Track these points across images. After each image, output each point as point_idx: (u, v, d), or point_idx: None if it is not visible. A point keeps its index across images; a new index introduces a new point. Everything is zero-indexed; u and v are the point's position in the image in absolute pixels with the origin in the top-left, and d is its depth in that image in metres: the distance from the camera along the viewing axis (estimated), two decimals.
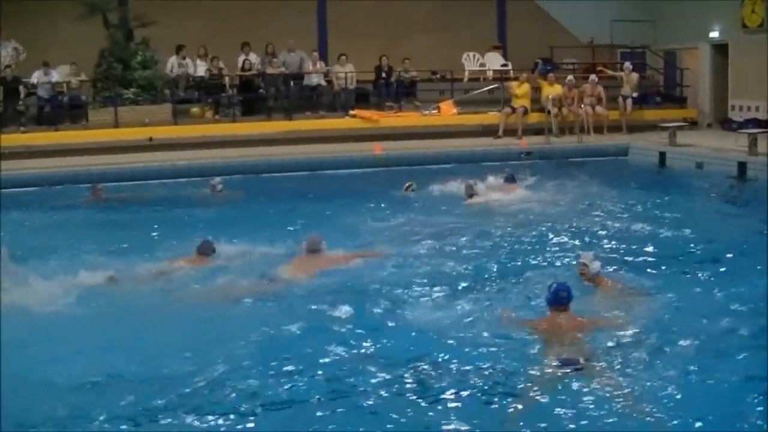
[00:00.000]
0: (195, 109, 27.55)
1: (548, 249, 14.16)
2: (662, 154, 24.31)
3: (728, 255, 13.45)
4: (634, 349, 9.29)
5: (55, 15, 27.72)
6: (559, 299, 9.68)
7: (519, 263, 13.38)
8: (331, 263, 12.86)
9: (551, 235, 15.20)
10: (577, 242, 14.59)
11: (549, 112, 27.34)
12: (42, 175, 22.38)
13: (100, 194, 19.85)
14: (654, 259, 13.04)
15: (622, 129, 27.97)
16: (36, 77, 26.37)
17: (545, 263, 13.23)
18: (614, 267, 12.35)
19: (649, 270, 12.41)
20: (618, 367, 8.86)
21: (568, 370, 8.67)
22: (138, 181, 22.46)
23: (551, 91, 27.78)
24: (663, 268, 12.59)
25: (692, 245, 14.29)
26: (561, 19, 33.37)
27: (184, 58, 27.81)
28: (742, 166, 21.48)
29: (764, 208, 17.09)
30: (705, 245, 14.30)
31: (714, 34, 30.39)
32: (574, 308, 9.81)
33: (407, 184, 19.77)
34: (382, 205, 18.42)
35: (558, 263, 13.12)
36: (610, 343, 9.40)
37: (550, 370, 8.79)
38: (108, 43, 27.10)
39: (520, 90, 27.77)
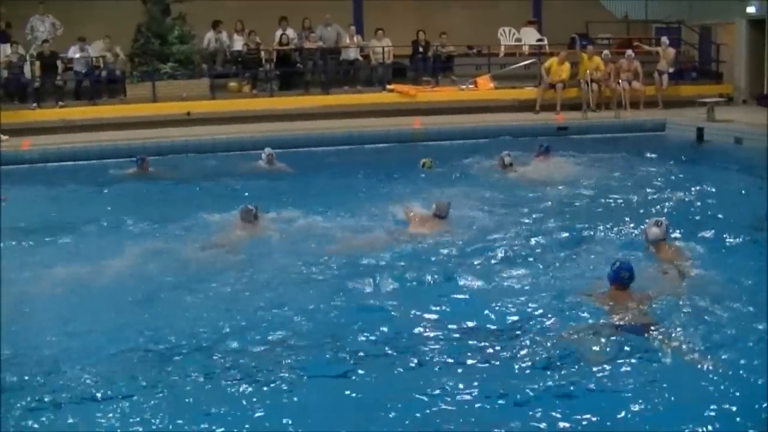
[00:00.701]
0: (232, 84, 27.65)
1: (588, 222, 14.18)
2: (700, 130, 24.21)
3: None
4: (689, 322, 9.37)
5: None
6: (621, 278, 9.73)
7: (562, 235, 13.52)
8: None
9: (591, 208, 15.32)
10: (617, 215, 14.62)
11: (587, 85, 27.26)
12: (81, 149, 22.51)
13: (147, 168, 19.93)
14: (701, 234, 13.03)
15: (659, 104, 27.90)
16: (72, 52, 26.46)
17: (587, 236, 13.33)
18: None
19: (694, 244, 12.42)
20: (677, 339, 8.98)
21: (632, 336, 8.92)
22: (177, 154, 22.53)
23: (590, 65, 27.71)
24: (707, 242, 12.58)
25: (734, 220, 14.28)
26: None
27: (220, 33, 27.86)
28: None
29: None
30: (749, 220, 14.30)
31: (751, 9, 30.24)
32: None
33: (424, 161, 19.83)
34: (423, 176, 18.65)
35: (602, 235, 13.23)
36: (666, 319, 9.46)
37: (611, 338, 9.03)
38: (145, 18, 27.16)
39: (561, 69, 27.67)
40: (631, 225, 13.66)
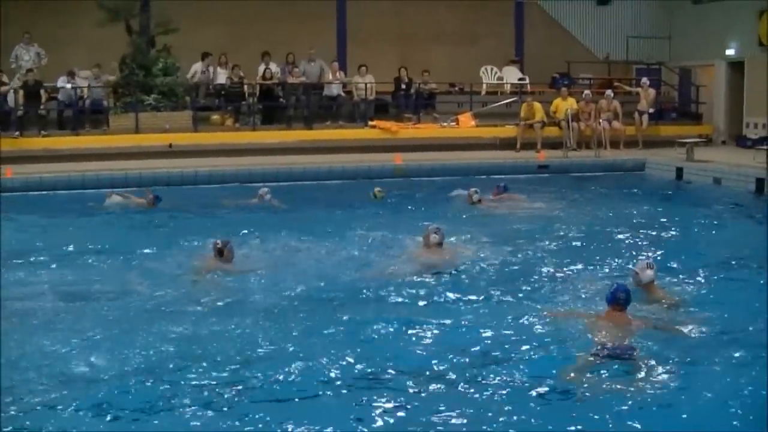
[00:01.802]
0: (215, 117, 27.78)
1: (568, 258, 14.33)
2: (679, 170, 24.44)
3: (751, 269, 13.70)
4: (680, 352, 9.63)
5: (77, 20, 27.96)
6: (617, 299, 10.11)
7: (543, 269, 13.65)
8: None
9: (570, 245, 15.42)
10: (596, 252, 14.75)
11: (565, 127, 27.47)
12: (64, 179, 22.51)
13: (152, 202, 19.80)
14: (682, 273, 13.15)
15: (638, 144, 28.15)
16: (61, 82, 26.49)
17: (570, 271, 13.45)
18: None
19: (672, 281, 12.58)
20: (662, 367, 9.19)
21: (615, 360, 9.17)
22: (159, 186, 22.49)
23: (566, 105, 27.93)
24: (689, 281, 12.70)
25: (715, 259, 14.42)
26: (578, 35, 33.62)
27: (208, 66, 27.97)
28: (760, 182, 21.68)
29: None
30: (728, 259, 14.47)
31: (730, 52, 30.58)
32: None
33: (375, 190, 20.29)
34: (404, 210, 18.95)
35: (583, 271, 13.37)
36: (657, 346, 9.69)
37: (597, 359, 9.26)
38: (130, 49, 27.18)
39: (530, 112, 27.94)
40: (612, 262, 13.84)
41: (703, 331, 10.35)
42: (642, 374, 9.02)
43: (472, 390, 8.74)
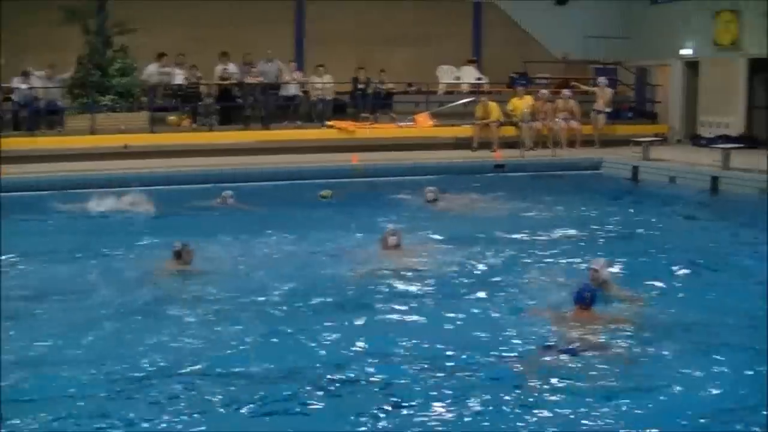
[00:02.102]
0: (172, 117, 27.59)
1: (525, 256, 14.53)
2: (635, 168, 24.61)
3: (706, 266, 13.88)
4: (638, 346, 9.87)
5: (33, 20, 27.68)
6: (583, 298, 10.45)
7: (499, 267, 13.82)
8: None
9: (528, 244, 15.51)
10: (550, 252, 14.85)
11: (521, 126, 27.55)
12: (19, 181, 22.26)
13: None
14: (636, 270, 13.24)
15: (595, 143, 28.30)
16: (16, 83, 26.28)
17: (527, 269, 13.62)
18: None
19: (629, 278, 12.68)
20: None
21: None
22: (116, 188, 22.37)
23: (523, 104, 28.01)
24: (642, 278, 12.80)
25: (671, 257, 14.54)
26: (535, 35, 33.67)
27: (164, 66, 27.85)
28: (714, 181, 21.93)
29: (737, 220, 18.19)
30: (684, 257, 14.58)
31: (686, 52, 30.80)
32: None
33: (323, 193, 20.55)
34: (362, 210, 18.97)
35: (540, 269, 13.48)
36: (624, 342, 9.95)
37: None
38: (86, 50, 27.00)
39: (485, 112, 27.98)
40: (569, 260, 13.96)
41: (662, 326, 10.54)
42: (604, 368, 9.19)
43: (434, 390, 8.78)
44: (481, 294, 12.04)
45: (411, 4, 32.13)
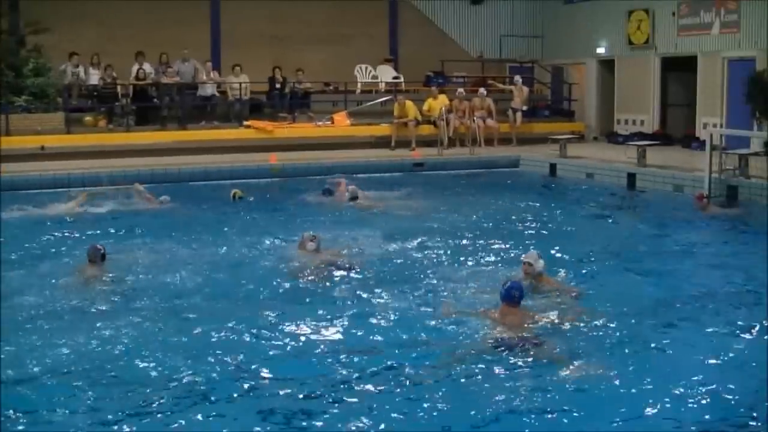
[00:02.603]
0: (88, 118, 27.25)
1: (448, 251, 14.64)
2: (553, 166, 24.90)
3: (624, 259, 14.10)
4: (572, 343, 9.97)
5: None
6: (511, 296, 10.29)
7: (426, 262, 13.97)
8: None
9: (450, 240, 15.53)
10: (472, 249, 14.90)
11: (438, 124, 27.65)
12: None
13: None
14: (556, 264, 13.35)
15: (513, 141, 28.56)
16: None
17: (451, 264, 13.75)
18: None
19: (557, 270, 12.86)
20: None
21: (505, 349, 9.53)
22: (32, 190, 22.10)
23: (438, 103, 28.13)
24: (564, 273, 12.93)
25: (589, 251, 14.71)
26: (452, 34, 33.89)
27: (77, 66, 27.54)
28: (631, 177, 22.30)
29: (651, 215, 18.63)
30: (601, 250, 14.82)
31: (601, 50, 31.18)
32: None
33: (234, 191, 20.47)
34: (285, 211, 18.97)
35: (462, 268, 13.47)
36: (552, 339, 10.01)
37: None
38: None
39: (403, 111, 28.07)
40: (490, 257, 14.05)
41: (589, 319, 10.67)
42: (532, 363, 9.30)
43: (361, 391, 8.80)
44: (406, 293, 12.02)
45: (327, 4, 32.18)
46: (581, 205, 20.06)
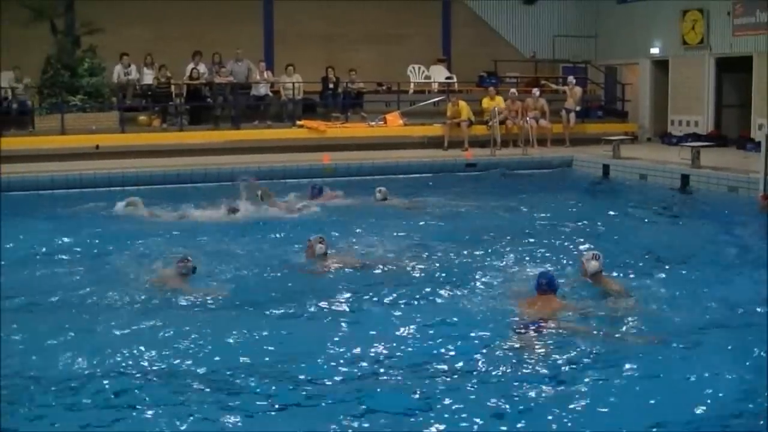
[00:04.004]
0: (142, 118, 27.51)
1: (499, 252, 14.55)
2: (606, 167, 24.72)
3: (676, 263, 13.94)
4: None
5: (0, 20, 27.51)
6: (539, 285, 10.86)
7: (476, 263, 13.82)
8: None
9: (498, 242, 15.42)
10: (519, 250, 14.79)
11: (491, 125, 27.55)
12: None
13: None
14: (608, 267, 13.25)
15: (565, 142, 28.42)
16: None
17: (504, 265, 13.61)
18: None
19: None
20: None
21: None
22: (86, 188, 22.27)
23: (493, 104, 28.07)
24: (615, 275, 12.83)
25: (642, 254, 14.58)
26: (505, 34, 33.80)
27: (128, 66, 27.75)
28: (685, 179, 22.06)
29: (706, 218, 18.33)
30: (654, 253, 14.66)
31: (654, 51, 30.97)
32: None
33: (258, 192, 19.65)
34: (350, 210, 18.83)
35: (507, 268, 13.44)
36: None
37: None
38: (55, 50, 26.85)
39: (456, 111, 28.00)
40: (543, 258, 13.96)
41: (636, 320, 10.67)
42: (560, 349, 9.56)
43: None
44: (450, 294, 12.03)
45: (380, 4, 32.17)
46: (634, 206, 19.85)
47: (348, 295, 11.93)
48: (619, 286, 11.79)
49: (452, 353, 9.56)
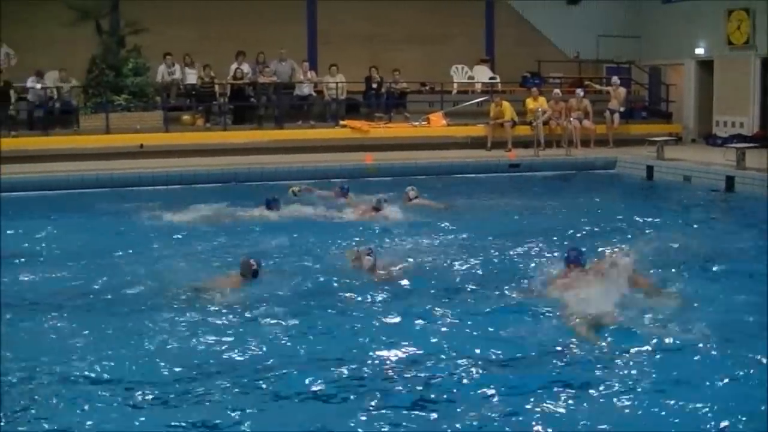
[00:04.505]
0: (186, 117, 27.69)
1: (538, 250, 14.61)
2: (650, 168, 24.58)
3: (721, 264, 13.83)
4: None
5: (47, 20, 27.71)
6: (568, 257, 11.98)
7: (512, 267, 13.75)
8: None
9: (543, 241, 15.39)
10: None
11: (535, 125, 27.47)
12: (35, 180, 22.30)
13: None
14: (651, 268, 13.20)
15: (609, 143, 28.28)
16: (30, 82, 26.32)
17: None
18: None
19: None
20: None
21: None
22: (131, 187, 22.41)
23: (536, 104, 28.01)
24: (658, 276, 12.77)
25: (686, 256, 14.47)
26: (548, 34, 33.68)
27: (172, 65, 27.90)
28: (730, 180, 21.87)
29: (751, 220, 18.00)
30: (699, 255, 14.56)
31: (699, 51, 30.78)
32: None
33: (291, 189, 20.04)
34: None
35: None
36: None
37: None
38: (100, 50, 27.02)
39: (499, 112, 27.97)
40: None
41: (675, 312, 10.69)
42: None
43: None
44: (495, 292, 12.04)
45: (423, 4, 32.14)
46: (678, 208, 19.77)
47: (397, 301, 11.86)
48: (650, 282, 11.81)
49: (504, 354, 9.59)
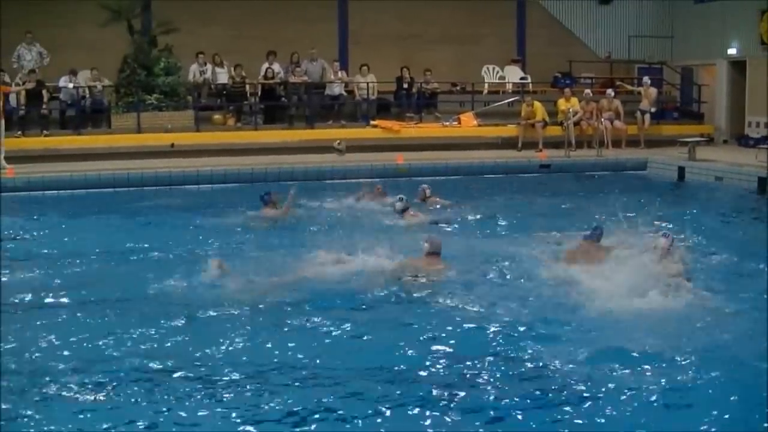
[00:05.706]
0: (217, 116, 27.76)
1: None
2: (681, 169, 24.47)
3: (754, 266, 13.73)
4: None
5: (79, 20, 27.93)
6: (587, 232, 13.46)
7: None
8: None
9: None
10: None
11: (566, 126, 27.41)
12: (66, 179, 22.40)
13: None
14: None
15: (640, 143, 28.20)
16: (63, 82, 26.44)
17: None
18: None
19: None
20: None
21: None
22: (162, 186, 22.49)
23: (567, 105, 27.95)
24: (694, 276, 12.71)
25: (718, 257, 14.41)
26: (579, 34, 33.63)
27: (204, 65, 27.97)
28: (761, 181, 21.71)
29: None
30: (731, 257, 14.47)
31: (732, 51, 30.62)
32: None
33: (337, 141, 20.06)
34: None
35: None
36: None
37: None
38: (132, 49, 27.15)
39: (530, 112, 27.94)
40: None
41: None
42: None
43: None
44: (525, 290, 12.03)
45: (454, 4, 32.18)
46: (710, 209, 19.65)
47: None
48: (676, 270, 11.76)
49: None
